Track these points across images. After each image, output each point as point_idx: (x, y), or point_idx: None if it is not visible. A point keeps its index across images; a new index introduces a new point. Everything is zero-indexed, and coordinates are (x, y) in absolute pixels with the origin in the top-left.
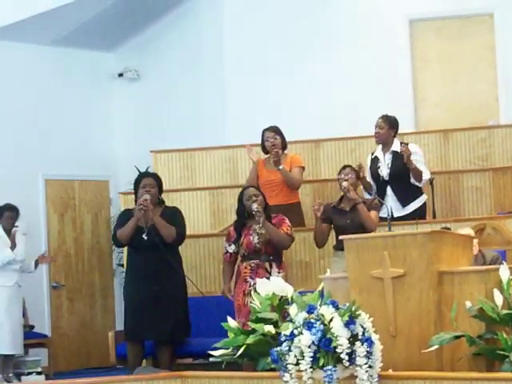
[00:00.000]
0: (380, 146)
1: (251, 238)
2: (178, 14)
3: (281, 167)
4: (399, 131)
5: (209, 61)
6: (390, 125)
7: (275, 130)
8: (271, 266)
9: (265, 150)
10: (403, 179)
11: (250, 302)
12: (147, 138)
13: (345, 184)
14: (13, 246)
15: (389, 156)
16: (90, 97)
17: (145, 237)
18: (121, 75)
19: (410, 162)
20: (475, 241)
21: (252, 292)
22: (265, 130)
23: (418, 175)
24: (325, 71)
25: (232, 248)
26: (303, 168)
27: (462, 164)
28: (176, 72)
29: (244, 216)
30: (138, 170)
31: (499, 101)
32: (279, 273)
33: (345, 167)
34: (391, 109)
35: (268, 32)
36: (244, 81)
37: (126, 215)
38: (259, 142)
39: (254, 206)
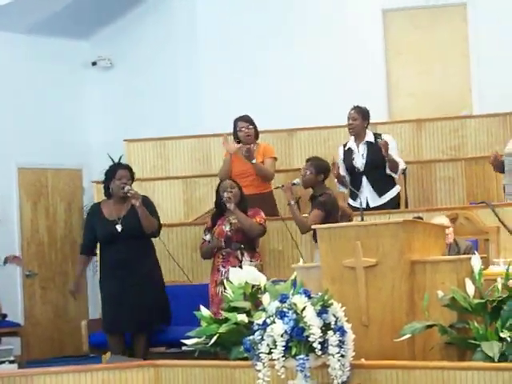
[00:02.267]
0: (352, 137)
1: (223, 227)
2: (151, 3)
3: (254, 161)
4: (373, 121)
5: (182, 50)
6: (363, 116)
7: (248, 119)
8: (242, 255)
9: (237, 140)
10: (378, 169)
11: (223, 292)
12: (121, 126)
13: (294, 180)
14: None
15: (363, 147)
16: (63, 85)
17: (119, 228)
18: (94, 64)
19: (388, 154)
20: (451, 229)
21: (224, 281)
22: (237, 120)
23: (395, 166)
24: (298, 61)
25: (207, 237)
26: (275, 159)
27: (435, 154)
28: (149, 61)
29: (221, 207)
30: (111, 159)
31: (472, 91)
32: (251, 261)
33: (307, 160)
34: (365, 98)
35: (242, 21)
36: (218, 70)
37: (94, 210)
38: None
39: (225, 194)
